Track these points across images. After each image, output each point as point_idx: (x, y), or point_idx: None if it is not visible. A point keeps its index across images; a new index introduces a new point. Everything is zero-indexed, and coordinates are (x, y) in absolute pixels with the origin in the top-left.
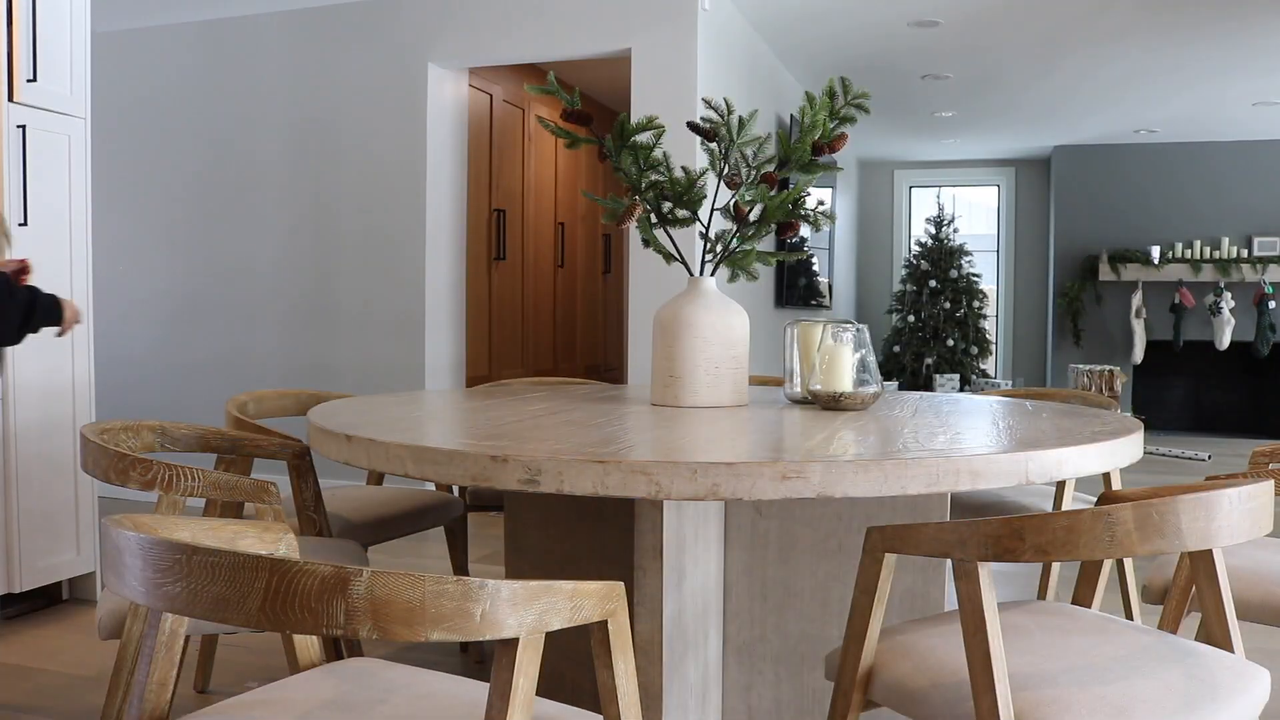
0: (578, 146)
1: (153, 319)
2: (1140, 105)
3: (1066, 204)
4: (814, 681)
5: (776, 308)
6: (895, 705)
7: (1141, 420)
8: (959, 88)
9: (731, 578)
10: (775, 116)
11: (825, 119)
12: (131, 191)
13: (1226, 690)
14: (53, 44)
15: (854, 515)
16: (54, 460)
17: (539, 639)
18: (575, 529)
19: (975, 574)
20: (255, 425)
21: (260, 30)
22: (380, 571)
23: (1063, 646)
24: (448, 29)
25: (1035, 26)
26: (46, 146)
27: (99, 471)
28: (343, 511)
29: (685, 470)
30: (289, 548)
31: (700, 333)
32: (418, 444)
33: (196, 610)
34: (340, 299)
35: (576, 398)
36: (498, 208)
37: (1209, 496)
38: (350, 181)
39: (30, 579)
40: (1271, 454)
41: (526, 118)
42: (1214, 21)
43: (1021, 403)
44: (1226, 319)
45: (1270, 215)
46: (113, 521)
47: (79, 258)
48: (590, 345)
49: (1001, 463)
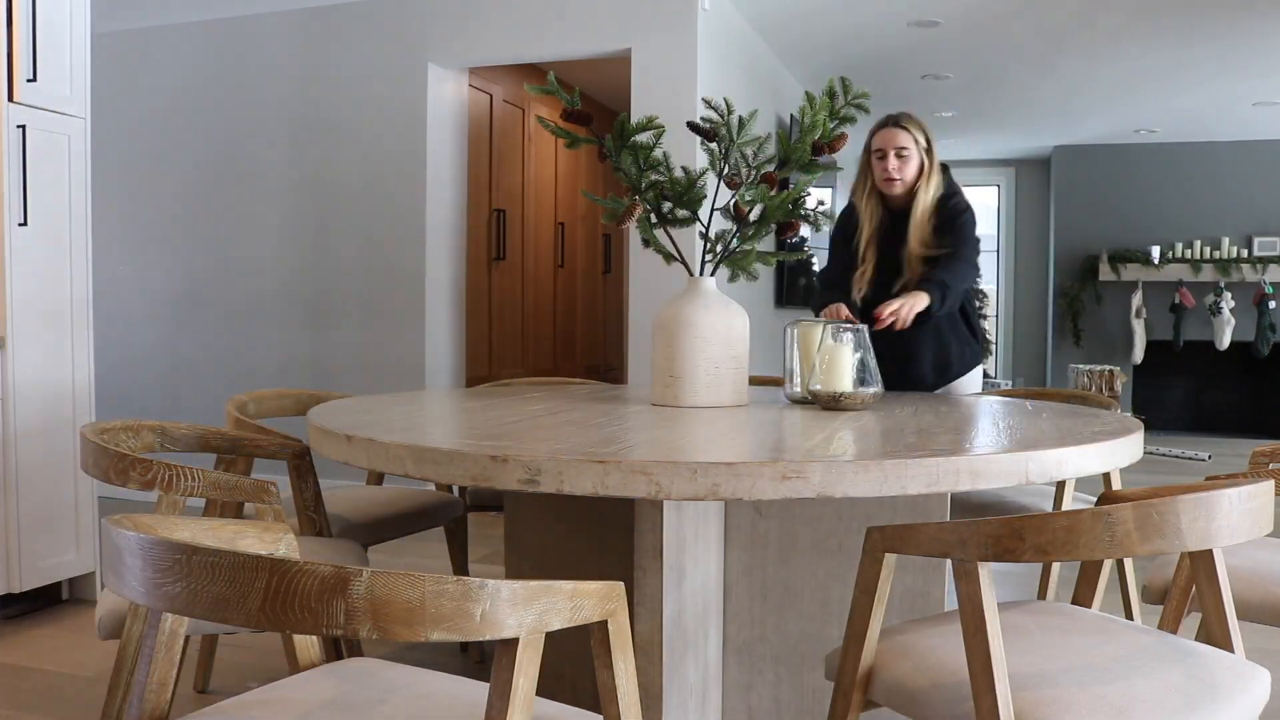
0: (578, 146)
1: (153, 319)
2: (1140, 105)
3: (1066, 204)
4: (814, 681)
5: (776, 308)
6: (895, 705)
7: (1141, 420)
8: (959, 88)
9: (731, 578)
10: (775, 116)
11: (825, 119)
12: (131, 191)
13: (1226, 690)
14: (53, 44)
15: (854, 515)
16: (54, 460)
17: (539, 639)
18: (575, 529)
19: (975, 574)
20: (255, 425)
21: (260, 30)
22: (380, 571)
23: (1063, 646)
24: (448, 29)
25: (1035, 26)
26: (46, 146)
27: (99, 472)
28: (343, 511)
29: (685, 470)
30: (289, 548)
31: (700, 333)
32: (418, 444)
33: (196, 610)
34: (340, 299)
35: (576, 398)
36: (498, 208)
37: (1209, 496)
38: (350, 181)
39: (30, 579)
40: (1271, 454)
41: (526, 118)
42: (1214, 21)
43: (1021, 403)
44: (1226, 319)
45: (1270, 215)
46: (113, 521)
47: (79, 258)
48: (590, 345)
49: (1001, 463)
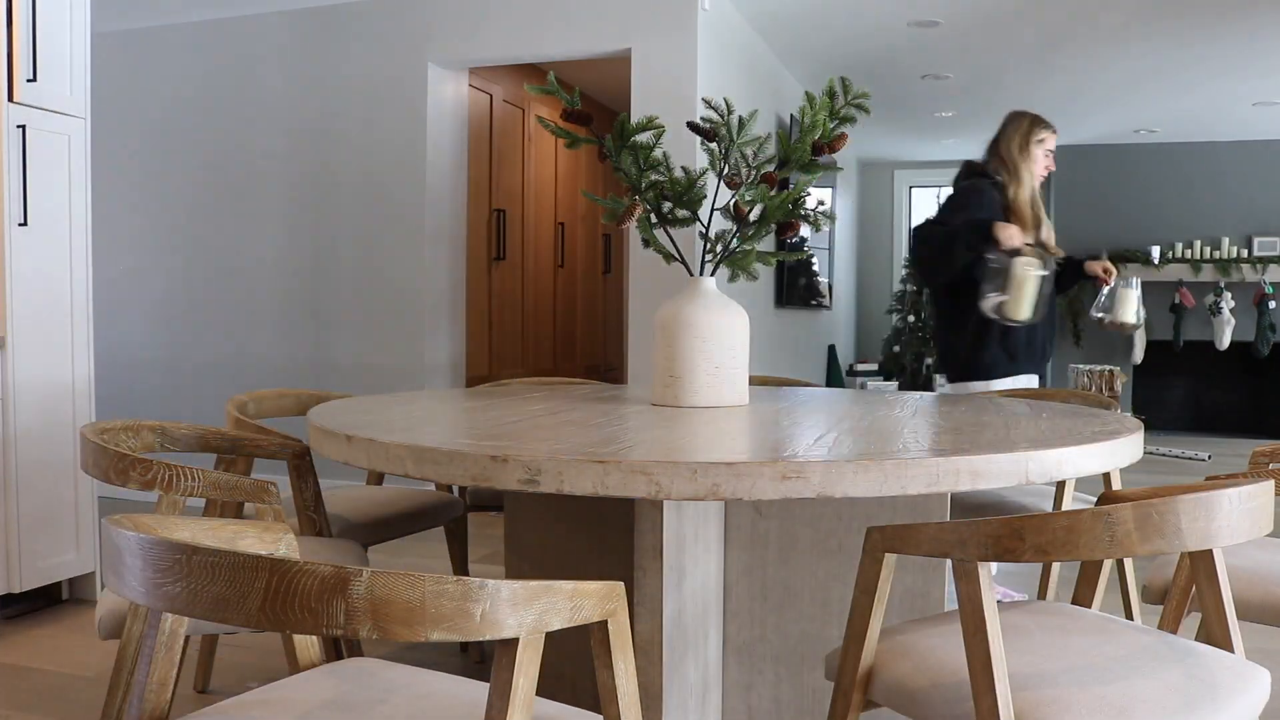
0: (578, 146)
1: (153, 319)
2: (1140, 105)
3: (1066, 204)
4: (814, 681)
5: (776, 308)
6: (895, 705)
7: (1141, 420)
8: (959, 88)
9: (731, 578)
10: (775, 116)
11: (825, 119)
12: (131, 191)
13: (1226, 690)
14: (53, 44)
15: (854, 515)
16: (54, 460)
17: (539, 639)
18: (575, 529)
19: (975, 574)
20: (255, 425)
21: (260, 30)
22: (380, 571)
23: (1063, 646)
24: (448, 29)
25: (1035, 26)
26: (46, 146)
27: (99, 472)
28: (343, 511)
29: (685, 470)
30: (289, 548)
31: (700, 332)
32: (418, 444)
33: (196, 610)
34: (340, 298)
35: (576, 398)
36: (498, 208)
37: (1209, 496)
38: (350, 181)
39: (30, 579)
40: (1271, 454)
41: (526, 118)
42: (1214, 21)
43: (1021, 403)
44: (1226, 319)
45: (1270, 215)
46: (113, 521)
47: (79, 258)
48: (590, 345)
49: (1001, 463)
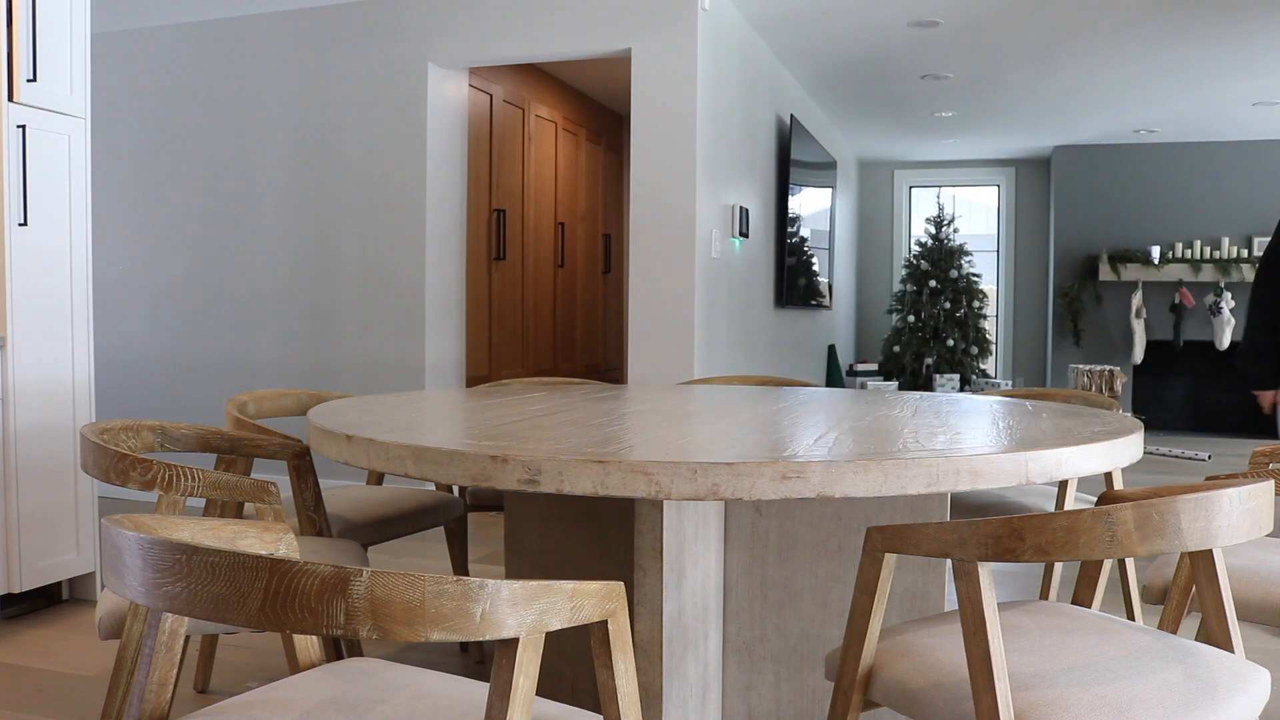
0: None
1: (153, 319)
2: (1140, 105)
3: (1066, 204)
4: (814, 681)
5: (776, 307)
6: (895, 705)
7: (1141, 420)
8: (959, 88)
9: (731, 578)
10: (775, 116)
11: None
12: (131, 191)
13: (1226, 690)
14: (53, 44)
15: (854, 515)
16: (54, 460)
17: (539, 639)
18: (575, 529)
19: (975, 574)
20: (255, 425)
21: (260, 30)
22: (380, 571)
23: (1063, 646)
24: (448, 29)
25: (1035, 26)
26: (46, 146)
27: (99, 471)
28: (343, 511)
29: (685, 470)
30: (289, 548)
31: None
32: (418, 444)
33: (196, 610)
34: (340, 299)
35: (576, 398)
36: (498, 208)
37: (1209, 496)
38: (350, 181)
39: (30, 579)
40: (1271, 454)
41: (526, 118)
42: (1214, 22)
43: (1021, 403)
44: (1226, 319)
45: (1270, 215)
46: (113, 521)
47: (79, 258)
48: (590, 345)
49: (1001, 463)
